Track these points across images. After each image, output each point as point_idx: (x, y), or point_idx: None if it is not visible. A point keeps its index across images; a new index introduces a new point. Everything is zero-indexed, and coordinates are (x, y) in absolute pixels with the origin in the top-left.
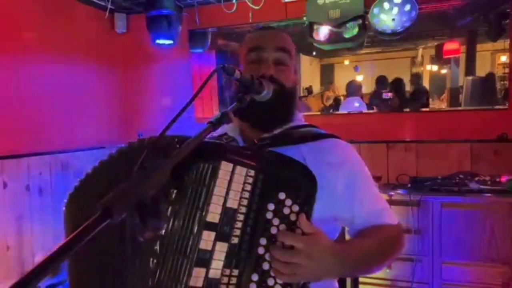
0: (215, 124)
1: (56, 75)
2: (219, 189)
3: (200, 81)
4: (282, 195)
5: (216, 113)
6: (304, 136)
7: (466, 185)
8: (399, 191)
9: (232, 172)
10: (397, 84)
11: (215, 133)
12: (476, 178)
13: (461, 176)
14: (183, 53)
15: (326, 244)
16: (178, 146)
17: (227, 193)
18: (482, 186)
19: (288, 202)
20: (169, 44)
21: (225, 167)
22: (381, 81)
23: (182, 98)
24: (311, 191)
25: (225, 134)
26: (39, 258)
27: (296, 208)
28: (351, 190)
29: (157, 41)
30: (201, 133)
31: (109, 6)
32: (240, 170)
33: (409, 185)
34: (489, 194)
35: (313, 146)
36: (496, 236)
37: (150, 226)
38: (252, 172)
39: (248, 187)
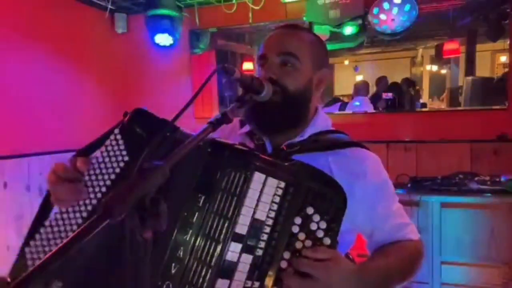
0: (215, 124)
1: (57, 75)
2: (249, 200)
3: (200, 81)
4: (310, 210)
5: (216, 113)
6: (332, 143)
7: (466, 185)
8: (399, 191)
9: (264, 184)
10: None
11: (245, 129)
12: (476, 178)
13: (461, 176)
14: (183, 53)
15: (345, 269)
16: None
17: (256, 205)
18: (482, 186)
19: (316, 217)
20: (169, 45)
21: (258, 178)
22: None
23: (182, 98)
24: (340, 209)
25: (254, 132)
26: None
27: (323, 225)
28: (373, 202)
29: (157, 41)
30: (201, 134)
31: (109, 6)
32: (272, 182)
33: (409, 185)
34: (489, 194)
35: (340, 154)
36: (496, 236)
37: (149, 226)
38: (282, 184)
39: (277, 199)
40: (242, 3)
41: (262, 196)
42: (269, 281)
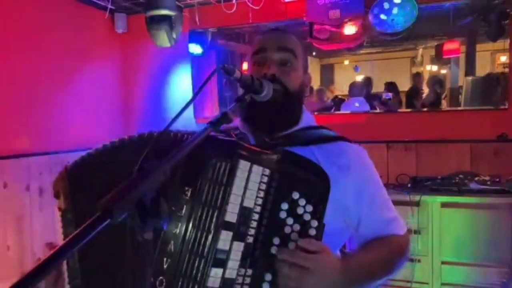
0: (215, 124)
1: (56, 75)
2: (236, 188)
3: (200, 81)
4: (296, 195)
5: (216, 113)
6: (316, 137)
7: (466, 185)
8: (399, 191)
9: (249, 171)
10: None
11: (227, 126)
12: (476, 178)
13: (461, 176)
14: (183, 53)
15: (332, 261)
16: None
17: (244, 192)
18: (482, 186)
19: (302, 201)
20: (169, 45)
21: (243, 166)
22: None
23: (182, 98)
24: (324, 191)
25: (237, 128)
26: (39, 258)
27: (309, 208)
28: (360, 195)
29: (157, 41)
30: (201, 134)
31: (109, 6)
32: (257, 169)
33: (409, 185)
34: (489, 194)
35: (325, 148)
36: (496, 236)
37: (150, 226)
38: (267, 171)
39: (263, 186)
40: (242, 3)
41: (248, 183)
42: (261, 268)
